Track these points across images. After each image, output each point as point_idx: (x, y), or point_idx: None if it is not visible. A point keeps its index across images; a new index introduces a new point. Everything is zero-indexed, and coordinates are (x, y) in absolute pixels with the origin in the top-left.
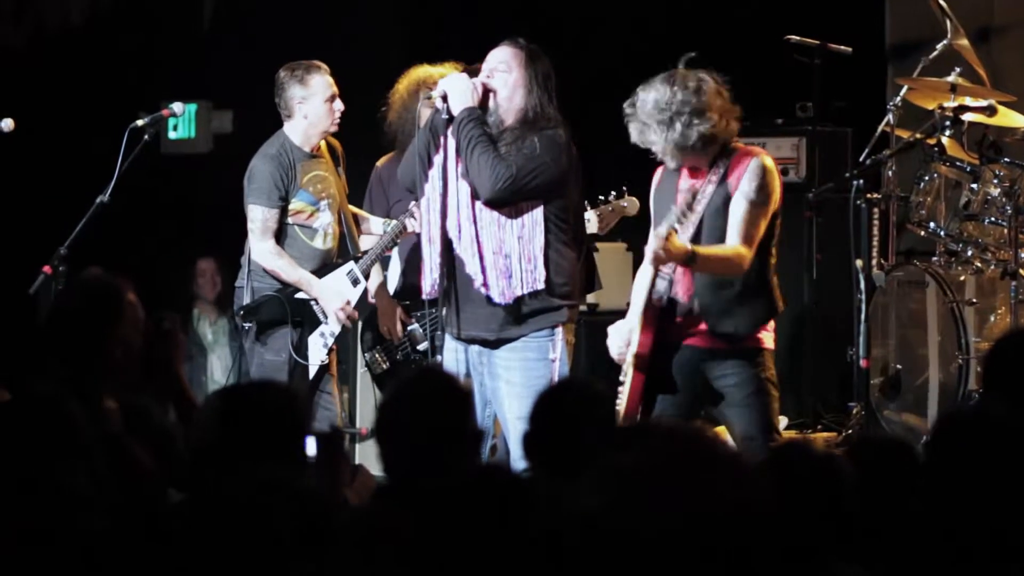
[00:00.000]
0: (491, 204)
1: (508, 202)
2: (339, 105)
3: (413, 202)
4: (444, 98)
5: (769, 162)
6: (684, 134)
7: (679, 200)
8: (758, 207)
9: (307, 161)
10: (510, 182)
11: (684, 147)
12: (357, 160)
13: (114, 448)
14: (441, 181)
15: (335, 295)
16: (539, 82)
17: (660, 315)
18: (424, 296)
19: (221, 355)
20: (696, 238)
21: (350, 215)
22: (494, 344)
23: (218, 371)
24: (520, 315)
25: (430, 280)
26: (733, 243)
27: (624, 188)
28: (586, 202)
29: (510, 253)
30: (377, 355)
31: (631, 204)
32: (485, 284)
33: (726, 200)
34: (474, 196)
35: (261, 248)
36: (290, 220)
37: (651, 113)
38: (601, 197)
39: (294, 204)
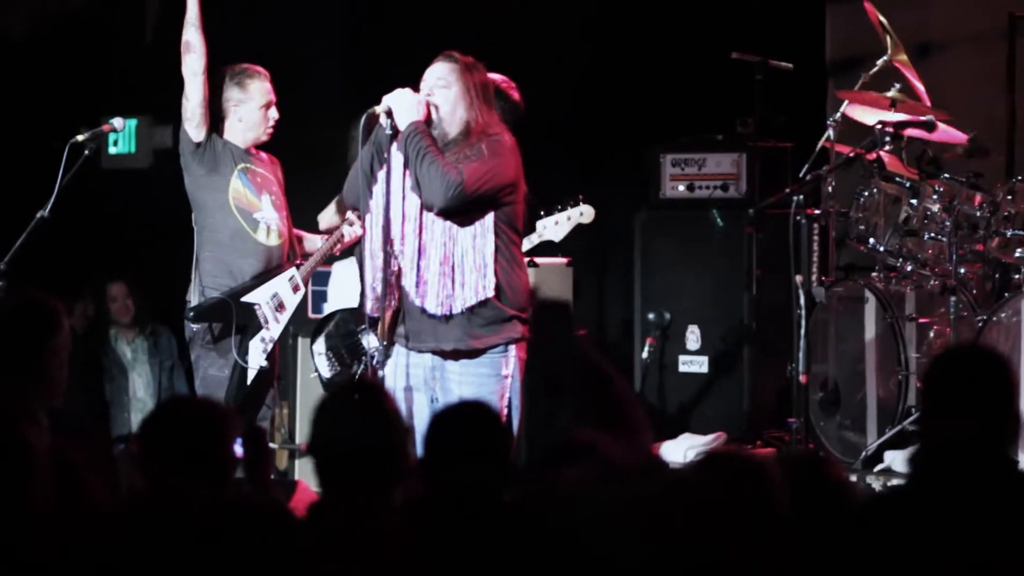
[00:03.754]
0: (444, 213)
1: (461, 210)
2: (274, 113)
3: (351, 211)
4: (388, 113)
5: None
6: None
7: None
8: None
9: (243, 154)
10: (461, 188)
11: None
12: (305, 176)
13: (66, 468)
14: (384, 196)
15: None
16: (478, 93)
17: None
18: (367, 312)
19: (142, 372)
20: None
21: (291, 221)
22: (451, 355)
23: (140, 389)
24: (474, 326)
25: (372, 296)
26: None
27: (580, 196)
28: (541, 211)
29: (460, 263)
30: (327, 360)
31: (587, 212)
32: (420, 296)
33: None
34: (424, 208)
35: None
36: (231, 201)
37: None
38: (559, 206)
39: (233, 184)
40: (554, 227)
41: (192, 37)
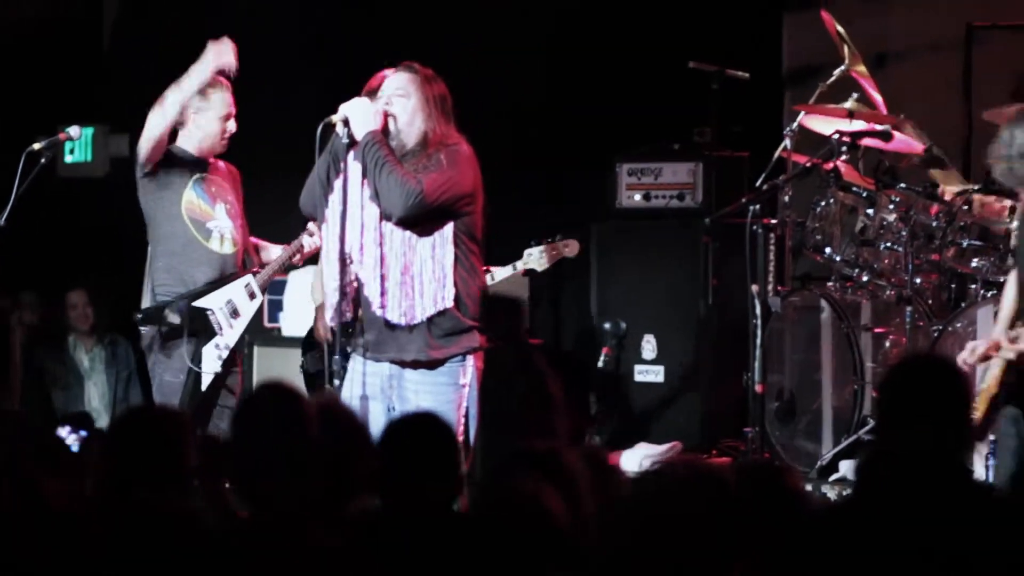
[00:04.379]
0: (403, 222)
1: (420, 220)
2: (232, 126)
3: (312, 222)
4: (345, 122)
5: None
6: None
7: None
8: None
9: (198, 163)
10: (421, 198)
11: None
12: (262, 184)
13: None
14: (341, 206)
15: (221, 52)
16: (436, 104)
17: None
18: (328, 323)
19: (98, 382)
20: None
21: (247, 230)
22: (409, 364)
23: (95, 398)
24: (433, 336)
25: (331, 305)
26: None
27: (563, 234)
28: (532, 240)
29: (419, 272)
30: (312, 356)
31: (572, 246)
32: (383, 306)
33: None
34: (383, 217)
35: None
36: (184, 212)
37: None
38: (549, 238)
39: (187, 195)
40: (539, 257)
41: (173, 104)
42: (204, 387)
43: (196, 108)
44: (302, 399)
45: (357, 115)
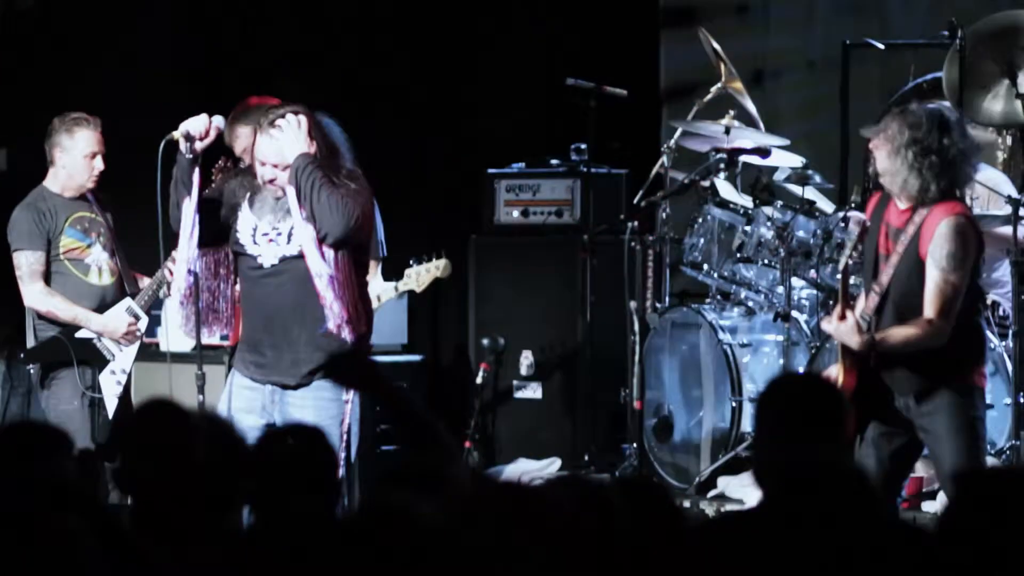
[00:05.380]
0: (337, 244)
1: (351, 241)
2: (99, 164)
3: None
4: (187, 137)
5: (961, 222)
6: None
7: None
8: (950, 274)
9: (69, 204)
10: (359, 219)
11: (914, 194)
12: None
13: None
14: (189, 226)
15: (116, 320)
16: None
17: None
18: (186, 335)
19: None
20: (891, 283)
21: (123, 256)
22: (292, 387)
23: None
24: (318, 358)
25: (185, 321)
26: (927, 314)
27: (442, 251)
28: (411, 260)
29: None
30: None
31: (444, 267)
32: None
33: (917, 258)
34: (320, 240)
35: (31, 291)
36: (62, 256)
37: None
38: (425, 256)
39: (63, 241)
40: (416, 278)
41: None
42: (111, 413)
43: (63, 147)
44: (189, 415)
45: (288, 137)
